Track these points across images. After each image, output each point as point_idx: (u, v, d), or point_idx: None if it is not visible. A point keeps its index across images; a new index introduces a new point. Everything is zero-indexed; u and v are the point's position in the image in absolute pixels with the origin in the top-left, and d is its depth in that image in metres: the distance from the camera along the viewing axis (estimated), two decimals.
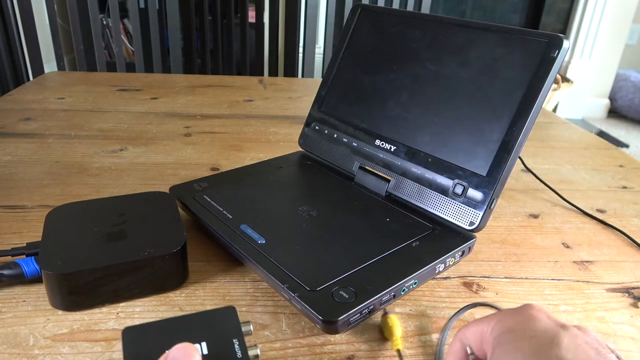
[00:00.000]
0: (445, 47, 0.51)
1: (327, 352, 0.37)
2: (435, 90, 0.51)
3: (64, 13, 1.39)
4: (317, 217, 0.48)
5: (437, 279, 0.46)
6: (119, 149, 0.70)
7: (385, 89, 0.55)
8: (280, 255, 0.41)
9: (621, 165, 0.77)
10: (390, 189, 0.52)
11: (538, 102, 0.44)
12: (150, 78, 1.09)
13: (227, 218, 0.47)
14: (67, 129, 0.76)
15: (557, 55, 0.43)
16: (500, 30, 0.47)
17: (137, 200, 0.48)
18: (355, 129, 0.57)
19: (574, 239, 0.55)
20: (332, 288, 0.38)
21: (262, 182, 0.56)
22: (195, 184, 0.54)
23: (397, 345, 0.37)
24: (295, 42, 1.69)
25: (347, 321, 0.36)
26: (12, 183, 0.59)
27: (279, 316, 0.40)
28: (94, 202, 0.48)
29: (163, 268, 0.41)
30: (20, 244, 0.44)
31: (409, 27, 0.54)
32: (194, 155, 0.70)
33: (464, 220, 0.46)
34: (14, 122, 0.78)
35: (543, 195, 0.65)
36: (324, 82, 0.62)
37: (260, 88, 1.07)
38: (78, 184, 0.60)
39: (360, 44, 0.59)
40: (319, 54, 1.65)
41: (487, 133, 0.46)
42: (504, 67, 0.46)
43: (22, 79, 1.35)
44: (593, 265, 0.50)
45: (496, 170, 0.45)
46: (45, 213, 0.45)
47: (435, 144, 0.50)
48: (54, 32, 1.31)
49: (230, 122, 0.84)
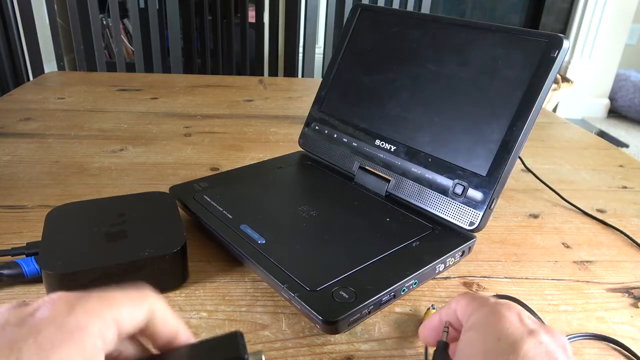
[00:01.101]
0: (445, 47, 0.51)
1: (327, 352, 0.37)
2: (435, 90, 0.51)
3: (64, 13, 1.39)
4: (317, 217, 0.48)
5: (437, 279, 0.46)
6: (118, 149, 0.70)
7: (385, 89, 0.55)
8: (280, 255, 0.41)
9: (621, 165, 0.77)
10: (390, 189, 0.52)
11: (538, 102, 0.44)
12: (150, 78, 1.09)
13: (227, 218, 0.47)
14: (67, 129, 0.76)
15: (557, 55, 0.43)
16: (500, 30, 0.47)
17: (137, 200, 0.48)
18: (355, 129, 0.57)
19: (574, 239, 0.55)
20: (332, 288, 0.38)
21: (262, 182, 0.56)
22: (195, 184, 0.54)
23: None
24: (295, 42, 1.69)
25: (347, 321, 0.36)
26: (12, 183, 0.59)
27: (279, 316, 0.40)
28: (94, 202, 0.48)
29: (163, 268, 0.41)
30: (20, 244, 0.44)
31: (409, 27, 0.54)
32: (193, 155, 0.70)
33: (464, 220, 0.46)
34: (14, 122, 0.78)
35: (543, 195, 0.65)
36: (324, 82, 0.62)
37: (260, 88, 1.07)
38: (78, 184, 0.60)
39: (360, 44, 0.59)
40: (319, 54, 1.65)
41: (487, 133, 0.46)
42: (504, 67, 0.46)
43: (22, 79, 1.36)
44: (593, 265, 0.50)
45: (496, 170, 0.45)
46: (45, 213, 0.45)
47: (435, 144, 0.50)
48: (54, 32, 1.31)
49: (230, 122, 0.84)
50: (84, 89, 0.97)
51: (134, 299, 0.24)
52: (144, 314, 0.24)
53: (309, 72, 1.52)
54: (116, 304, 0.23)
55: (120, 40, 1.44)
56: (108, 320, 0.22)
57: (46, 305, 0.22)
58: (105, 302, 0.23)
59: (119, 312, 0.23)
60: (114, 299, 0.23)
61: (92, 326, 0.21)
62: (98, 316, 0.22)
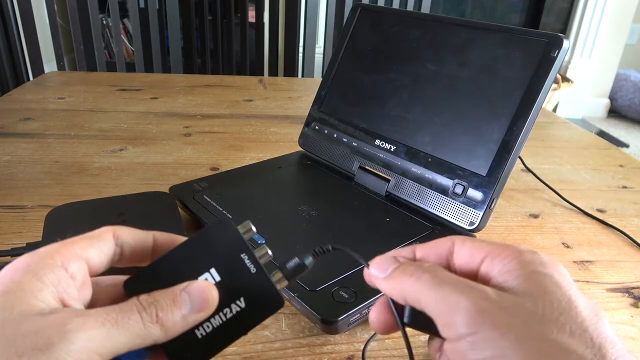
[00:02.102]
0: (445, 47, 0.51)
1: (327, 352, 0.37)
2: (435, 90, 0.51)
3: (64, 13, 1.39)
4: (317, 217, 0.48)
5: None
6: (118, 149, 0.70)
7: (385, 88, 0.55)
8: (280, 255, 0.41)
9: (621, 165, 0.77)
10: (390, 189, 0.52)
11: (538, 102, 0.44)
12: (150, 78, 1.09)
13: (227, 218, 0.47)
14: (67, 129, 0.76)
15: (557, 55, 0.43)
16: (500, 30, 0.47)
17: (137, 200, 0.48)
18: (355, 129, 0.57)
19: (574, 238, 0.55)
20: (332, 288, 0.38)
21: (262, 182, 0.56)
22: (195, 184, 0.54)
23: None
24: (295, 42, 1.69)
25: (347, 321, 0.36)
26: (12, 183, 0.59)
27: (278, 316, 0.40)
28: (94, 202, 0.48)
29: None
30: (20, 244, 0.44)
31: (409, 27, 0.54)
32: (193, 155, 0.70)
33: (464, 220, 0.46)
34: (14, 122, 0.78)
35: (543, 195, 0.65)
36: (324, 82, 0.62)
37: (260, 88, 1.07)
38: (78, 184, 0.60)
39: (360, 44, 0.59)
40: (319, 54, 1.65)
41: (487, 133, 0.46)
42: (504, 66, 0.46)
43: (22, 79, 1.36)
44: (593, 265, 0.50)
45: (496, 170, 0.45)
46: (45, 213, 0.45)
47: (435, 144, 0.50)
48: (54, 32, 1.31)
49: (230, 122, 0.84)
50: (84, 89, 0.97)
51: (91, 234, 0.25)
52: (109, 238, 0.25)
53: (309, 72, 1.52)
54: (68, 246, 0.24)
55: (120, 40, 1.44)
56: (56, 263, 0.22)
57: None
58: (53, 250, 0.23)
59: (72, 251, 0.23)
60: (67, 243, 0.24)
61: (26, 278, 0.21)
62: (35, 269, 0.22)
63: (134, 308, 0.22)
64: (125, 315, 0.22)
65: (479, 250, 0.25)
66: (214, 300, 0.24)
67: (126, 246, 0.26)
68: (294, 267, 0.27)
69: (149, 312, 0.22)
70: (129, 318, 0.22)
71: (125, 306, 0.22)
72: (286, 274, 0.27)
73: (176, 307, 0.23)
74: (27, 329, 0.19)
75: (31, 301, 0.20)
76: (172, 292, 0.24)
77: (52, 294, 0.21)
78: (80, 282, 0.23)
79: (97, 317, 0.21)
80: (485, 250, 0.25)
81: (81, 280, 0.23)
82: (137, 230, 0.27)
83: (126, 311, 0.22)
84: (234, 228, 0.26)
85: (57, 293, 0.22)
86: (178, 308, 0.23)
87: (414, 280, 0.24)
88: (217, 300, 0.24)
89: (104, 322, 0.21)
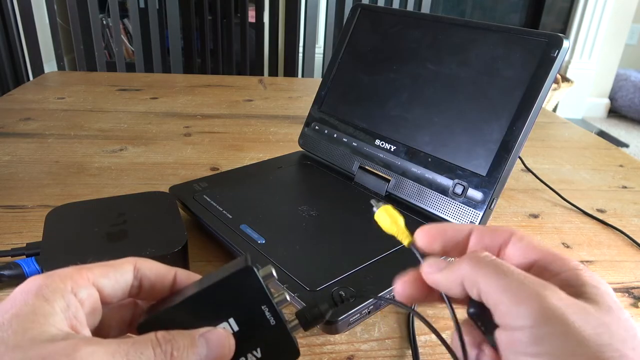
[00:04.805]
0: (445, 47, 0.51)
1: (327, 352, 0.37)
2: (435, 90, 0.51)
3: (64, 13, 1.39)
4: (317, 217, 0.48)
5: None
6: (118, 149, 0.70)
7: (385, 88, 0.55)
8: (280, 255, 0.41)
9: (621, 165, 0.77)
10: (390, 189, 0.52)
11: (538, 102, 0.44)
12: (150, 78, 1.09)
13: (227, 218, 0.47)
14: (67, 129, 0.76)
15: (557, 55, 0.43)
16: (500, 30, 0.47)
17: (137, 200, 0.48)
18: (355, 129, 0.57)
19: (574, 239, 0.55)
20: (332, 288, 0.38)
21: (262, 182, 0.56)
22: (195, 184, 0.54)
23: (408, 238, 0.29)
24: (295, 42, 1.69)
25: (347, 321, 0.36)
26: (12, 183, 0.59)
27: None
28: (94, 202, 0.48)
29: None
30: (20, 244, 0.44)
31: (409, 27, 0.54)
32: (193, 155, 0.70)
33: (463, 220, 0.46)
34: (14, 122, 0.78)
35: (543, 195, 0.65)
36: (324, 82, 0.62)
37: (260, 88, 1.07)
38: (78, 184, 0.60)
39: (360, 44, 0.59)
40: (319, 54, 1.65)
41: (487, 133, 0.46)
42: (503, 66, 0.46)
43: (22, 79, 1.36)
44: (593, 265, 0.50)
45: (496, 170, 0.45)
46: (45, 213, 0.45)
47: (435, 144, 0.50)
48: (54, 32, 1.31)
49: (230, 122, 0.84)
50: (84, 89, 0.97)
51: (111, 263, 0.25)
52: (128, 270, 0.25)
53: (309, 72, 1.52)
54: (82, 272, 0.24)
55: (120, 40, 1.44)
56: (67, 288, 0.22)
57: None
58: (70, 274, 0.23)
59: (84, 277, 0.23)
60: (81, 268, 0.24)
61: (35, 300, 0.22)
62: (46, 293, 0.22)
63: (148, 344, 0.22)
64: (138, 349, 0.21)
65: (534, 251, 0.25)
66: (230, 350, 0.24)
67: (146, 280, 0.26)
68: (312, 318, 0.27)
69: (164, 349, 0.22)
70: (141, 352, 0.21)
71: (139, 340, 0.22)
72: (303, 324, 0.27)
73: (193, 349, 0.23)
74: (37, 354, 0.20)
75: (43, 326, 0.20)
76: (191, 334, 0.23)
77: (62, 320, 0.21)
78: (89, 308, 0.23)
79: (108, 347, 0.21)
80: (540, 253, 0.25)
81: (90, 306, 0.23)
82: (160, 265, 0.27)
83: (140, 345, 0.22)
84: (257, 278, 0.26)
85: (67, 319, 0.22)
86: (194, 351, 0.23)
87: (479, 267, 0.23)
88: (233, 350, 0.25)
89: (114, 354, 0.21)
